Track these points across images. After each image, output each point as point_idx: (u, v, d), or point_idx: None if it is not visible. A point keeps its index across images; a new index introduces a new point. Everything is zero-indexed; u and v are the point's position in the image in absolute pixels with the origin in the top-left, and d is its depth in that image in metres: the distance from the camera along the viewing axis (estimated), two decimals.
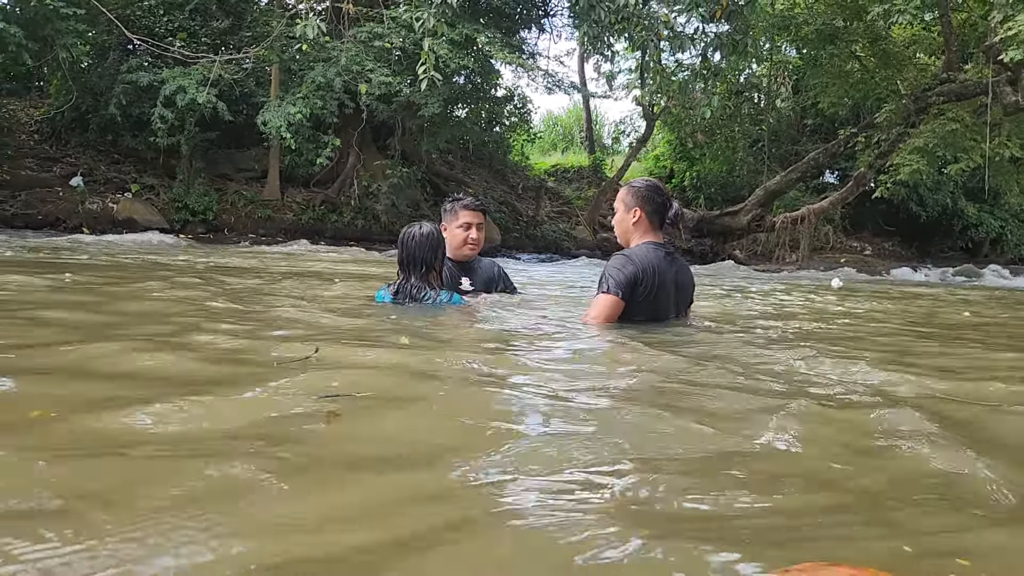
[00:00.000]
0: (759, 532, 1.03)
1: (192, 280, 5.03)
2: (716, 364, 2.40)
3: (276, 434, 1.40)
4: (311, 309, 3.64)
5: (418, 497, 1.11)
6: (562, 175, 24.73)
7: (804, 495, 1.21)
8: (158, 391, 1.67)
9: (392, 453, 1.34)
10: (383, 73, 13.80)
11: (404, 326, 3.10)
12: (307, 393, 1.69)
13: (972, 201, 23.02)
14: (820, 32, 17.22)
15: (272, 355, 2.22)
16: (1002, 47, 12.16)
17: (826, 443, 1.53)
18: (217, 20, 15.73)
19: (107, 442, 1.31)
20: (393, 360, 2.18)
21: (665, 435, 1.50)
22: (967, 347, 3.59)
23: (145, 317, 3.18)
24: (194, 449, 1.29)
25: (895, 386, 2.19)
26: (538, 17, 18.62)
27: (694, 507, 1.12)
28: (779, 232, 20.15)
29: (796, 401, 1.82)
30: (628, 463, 1.31)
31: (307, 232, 16.00)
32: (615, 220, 3.54)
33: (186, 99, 13.52)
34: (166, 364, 2.02)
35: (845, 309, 6.02)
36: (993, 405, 1.97)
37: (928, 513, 1.18)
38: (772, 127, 22.65)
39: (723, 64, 13.18)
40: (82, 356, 2.10)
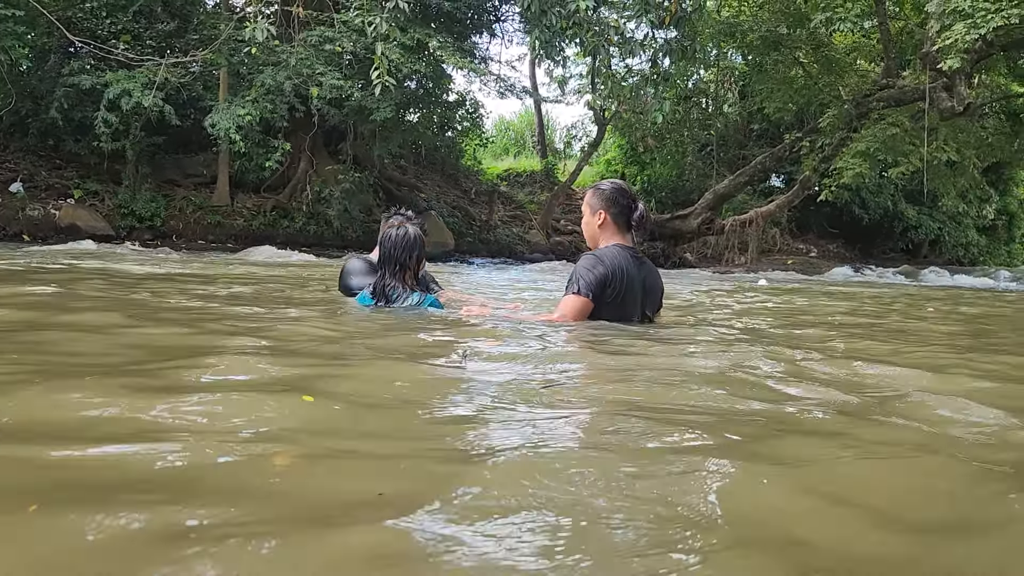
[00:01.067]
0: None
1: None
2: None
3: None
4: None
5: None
6: (515, 179, 24.83)
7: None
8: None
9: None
10: (334, 77, 13.70)
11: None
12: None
13: (912, 204, 23.77)
14: (765, 39, 17.62)
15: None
16: (940, 55, 12.60)
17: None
18: (162, 23, 15.44)
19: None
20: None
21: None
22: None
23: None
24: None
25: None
26: (489, 22, 18.69)
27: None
28: (728, 235, 20.54)
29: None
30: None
31: (258, 238, 15.77)
32: (583, 223, 3.55)
33: (131, 103, 13.24)
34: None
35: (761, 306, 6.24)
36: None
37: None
38: (720, 132, 23.10)
39: (672, 70, 13.38)
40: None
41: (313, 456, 1.26)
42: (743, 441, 1.45)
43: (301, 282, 6.61)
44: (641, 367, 2.30)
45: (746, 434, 1.51)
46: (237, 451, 1.23)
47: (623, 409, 1.68)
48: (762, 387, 2.07)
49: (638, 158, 24.22)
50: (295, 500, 1.05)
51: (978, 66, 16.46)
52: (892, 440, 1.53)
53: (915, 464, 1.36)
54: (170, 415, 1.46)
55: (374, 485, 1.11)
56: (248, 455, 1.22)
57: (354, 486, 1.11)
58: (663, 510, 1.05)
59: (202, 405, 1.53)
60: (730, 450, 1.37)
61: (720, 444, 1.40)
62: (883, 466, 1.34)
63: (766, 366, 2.40)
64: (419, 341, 2.78)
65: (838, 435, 1.53)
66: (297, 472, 1.18)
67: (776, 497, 1.14)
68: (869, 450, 1.42)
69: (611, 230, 3.40)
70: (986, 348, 3.62)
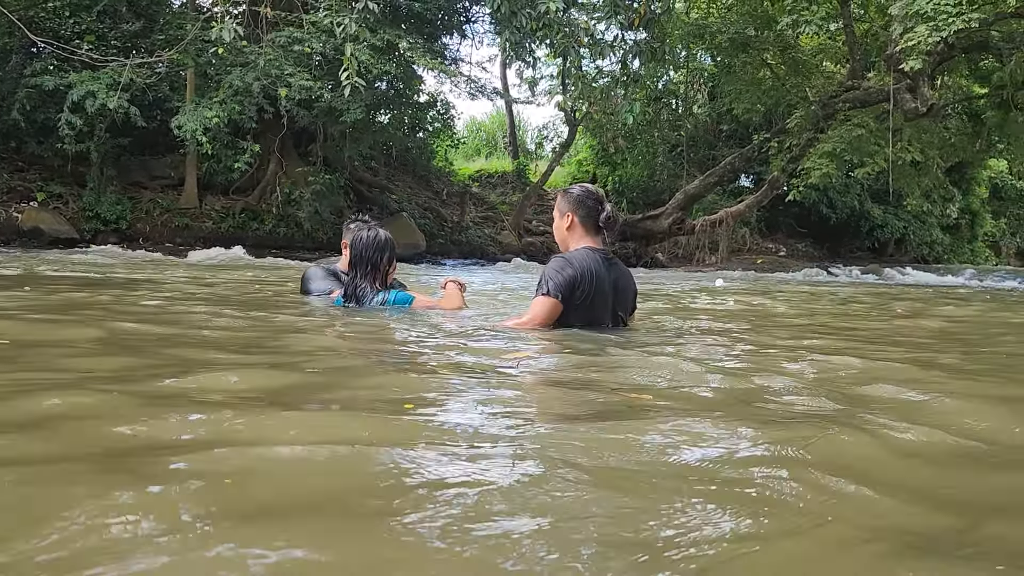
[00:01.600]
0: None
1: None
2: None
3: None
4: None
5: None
6: (486, 180, 24.83)
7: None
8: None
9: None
10: (303, 78, 13.60)
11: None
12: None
13: (878, 203, 24.14)
14: (733, 40, 17.79)
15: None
16: (903, 56, 12.80)
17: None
18: (127, 23, 15.22)
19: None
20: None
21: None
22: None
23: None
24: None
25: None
26: (459, 23, 18.66)
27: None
28: (699, 235, 20.71)
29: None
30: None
31: (227, 240, 15.60)
32: (553, 227, 3.58)
33: (96, 104, 13.03)
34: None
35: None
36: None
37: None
38: (690, 133, 23.26)
39: (642, 71, 13.46)
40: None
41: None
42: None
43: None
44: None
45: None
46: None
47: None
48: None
49: (609, 159, 24.32)
50: None
51: (940, 68, 16.77)
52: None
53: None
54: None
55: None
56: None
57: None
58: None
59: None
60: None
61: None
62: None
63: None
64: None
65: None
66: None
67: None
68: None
69: (579, 232, 3.42)
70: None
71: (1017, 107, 16.37)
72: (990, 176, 26.27)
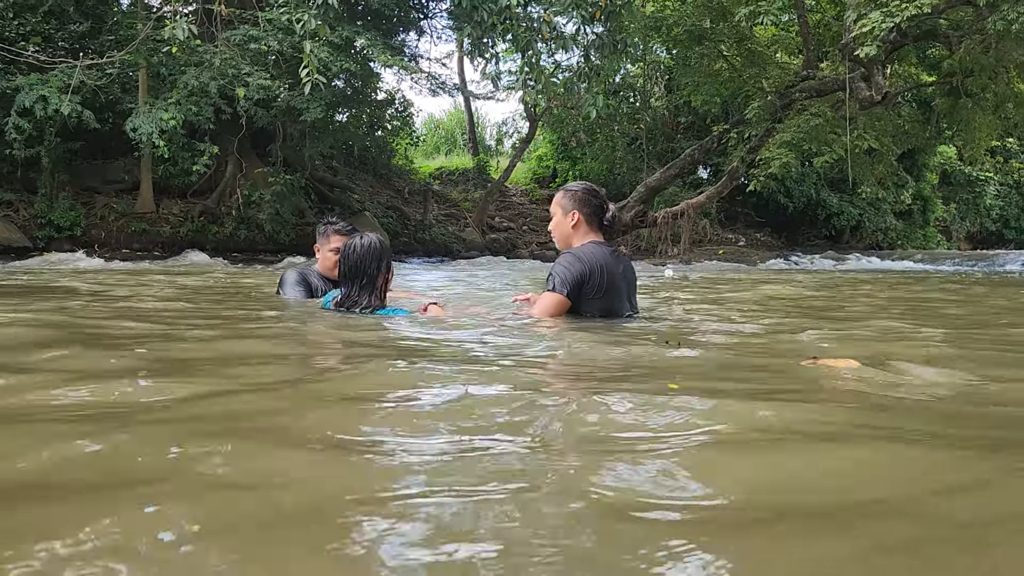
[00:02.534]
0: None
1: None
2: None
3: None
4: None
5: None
6: (447, 178, 24.70)
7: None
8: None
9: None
10: (261, 77, 13.34)
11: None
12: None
13: (834, 192, 24.56)
14: (690, 33, 17.90)
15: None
16: (856, 44, 13.02)
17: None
18: (75, 23, 14.76)
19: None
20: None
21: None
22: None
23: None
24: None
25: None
26: (416, 19, 18.50)
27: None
28: (661, 227, 20.83)
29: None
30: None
31: (186, 245, 15.28)
32: (553, 224, 3.58)
33: (48, 109, 12.59)
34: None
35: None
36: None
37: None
38: (649, 126, 23.39)
39: (604, 65, 13.48)
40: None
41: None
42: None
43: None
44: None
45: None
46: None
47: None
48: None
49: (569, 153, 24.35)
50: None
51: (891, 57, 17.10)
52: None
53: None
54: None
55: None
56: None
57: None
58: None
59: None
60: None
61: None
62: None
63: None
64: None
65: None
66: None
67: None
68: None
69: (584, 229, 3.47)
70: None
71: (967, 94, 16.76)
72: (939, 163, 26.89)
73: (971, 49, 14.71)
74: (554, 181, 25.13)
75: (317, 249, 4.56)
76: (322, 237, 4.50)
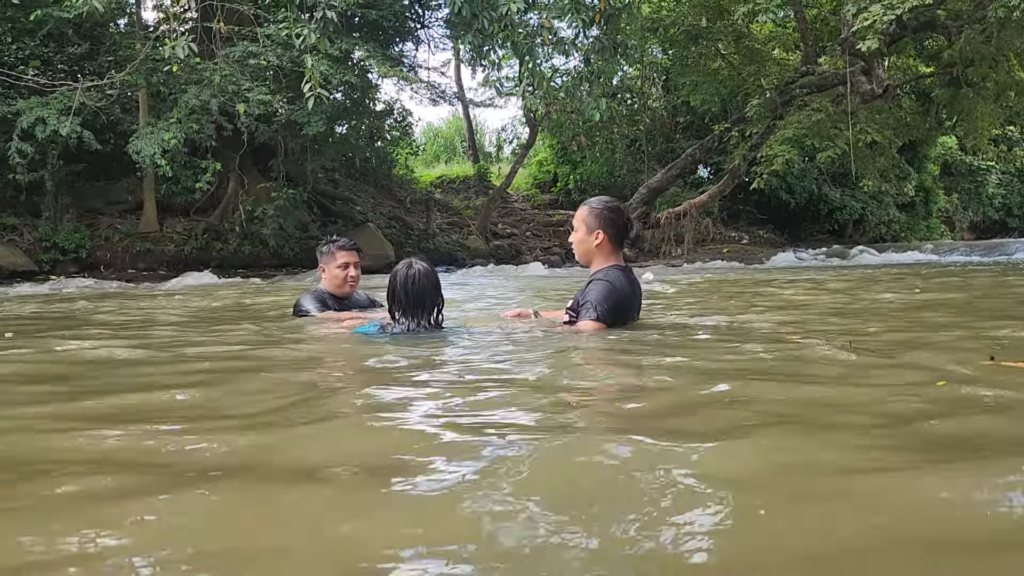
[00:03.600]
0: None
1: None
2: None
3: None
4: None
5: None
6: (448, 186, 24.67)
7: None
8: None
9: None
10: (261, 92, 13.30)
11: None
12: None
13: (835, 186, 24.54)
14: (687, 32, 17.88)
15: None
16: (857, 38, 12.99)
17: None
18: (73, 45, 14.74)
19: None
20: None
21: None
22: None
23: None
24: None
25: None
26: (413, 29, 18.48)
27: None
28: (664, 228, 20.82)
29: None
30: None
31: (190, 263, 15.22)
32: (576, 239, 3.64)
33: (47, 131, 12.56)
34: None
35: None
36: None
37: None
38: (648, 127, 23.35)
39: (604, 68, 13.45)
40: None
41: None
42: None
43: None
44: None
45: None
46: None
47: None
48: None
49: (569, 157, 24.32)
50: None
51: (890, 49, 17.08)
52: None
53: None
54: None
55: None
56: None
57: None
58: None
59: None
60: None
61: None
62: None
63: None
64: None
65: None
66: None
67: None
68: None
69: (607, 250, 3.57)
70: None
71: (967, 83, 16.74)
72: (940, 153, 26.87)
73: (971, 39, 14.70)
74: (555, 185, 25.11)
75: (323, 269, 4.60)
76: (327, 256, 4.54)
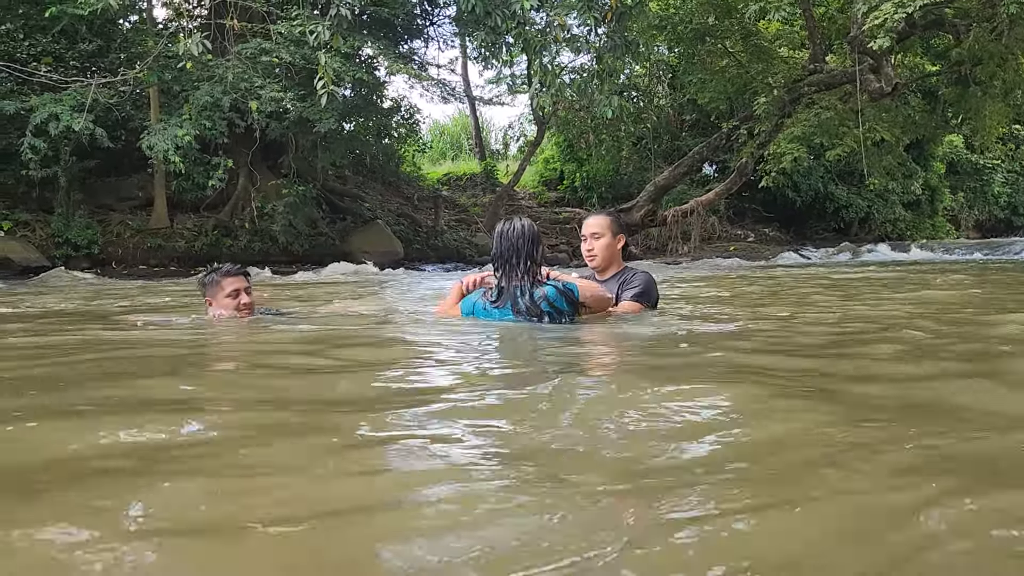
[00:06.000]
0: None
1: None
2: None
3: None
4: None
5: None
6: (455, 183, 24.70)
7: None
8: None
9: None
10: (273, 89, 13.36)
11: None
12: None
13: (842, 184, 24.55)
14: (695, 30, 17.90)
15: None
16: (868, 37, 13.03)
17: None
18: (85, 42, 14.80)
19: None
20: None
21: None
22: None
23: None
24: None
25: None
26: (422, 27, 18.53)
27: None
28: (671, 225, 20.89)
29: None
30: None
31: (201, 259, 15.29)
32: (603, 244, 4.17)
33: (60, 127, 12.63)
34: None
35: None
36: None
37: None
38: (654, 125, 23.38)
39: (616, 65, 13.50)
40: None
41: None
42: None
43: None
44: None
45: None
46: None
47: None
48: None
49: (575, 155, 24.34)
50: None
51: (898, 47, 17.11)
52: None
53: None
54: None
55: None
56: None
57: None
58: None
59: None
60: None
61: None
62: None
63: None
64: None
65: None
66: None
67: None
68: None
69: (620, 254, 4.30)
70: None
71: (975, 82, 16.76)
72: (946, 152, 26.87)
73: (980, 37, 14.72)
74: (561, 183, 25.13)
75: (209, 302, 4.22)
76: (212, 287, 4.20)
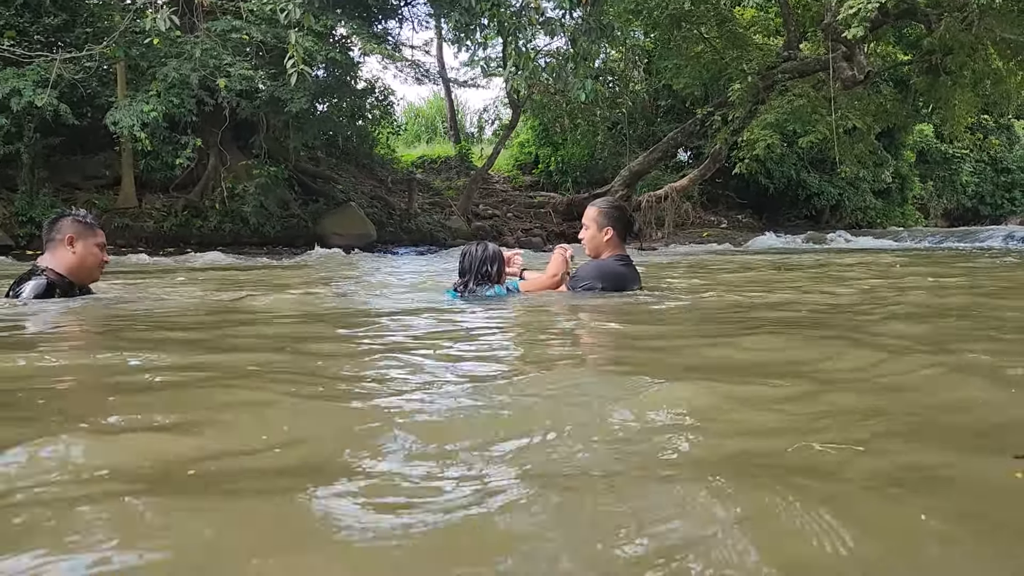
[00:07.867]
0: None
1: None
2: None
3: None
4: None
5: None
6: (430, 166, 24.55)
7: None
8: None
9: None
10: (243, 67, 13.14)
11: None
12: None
13: (814, 172, 24.75)
14: (671, 16, 17.84)
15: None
16: (842, 25, 13.08)
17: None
18: (49, 16, 14.44)
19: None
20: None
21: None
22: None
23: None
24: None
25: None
26: (396, 7, 18.31)
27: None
28: (645, 211, 20.90)
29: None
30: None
31: (170, 240, 15.09)
32: (587, 236, 4.26)
33: (22, 102, 12.35)
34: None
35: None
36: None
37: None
38: (629, 110, 23.35)
39: (591, 49, 13.43)
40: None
41: None
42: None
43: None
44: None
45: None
46: None
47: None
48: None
49: (550, 139, 24.29)
50: None
51: (871, 36, 17.20)
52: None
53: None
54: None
55: None
56: None
57: None
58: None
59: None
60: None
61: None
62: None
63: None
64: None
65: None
66: None
67: None
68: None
69: (614, 243, 4.24)
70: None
71: (946, 72, 16.92)
72: (916, 141, 27.17)
73: (951, 27, 14.84)
74: (536, 167, 25.07)
75: (70, 241, 3.85)
76: (89, 229, 3.90)
